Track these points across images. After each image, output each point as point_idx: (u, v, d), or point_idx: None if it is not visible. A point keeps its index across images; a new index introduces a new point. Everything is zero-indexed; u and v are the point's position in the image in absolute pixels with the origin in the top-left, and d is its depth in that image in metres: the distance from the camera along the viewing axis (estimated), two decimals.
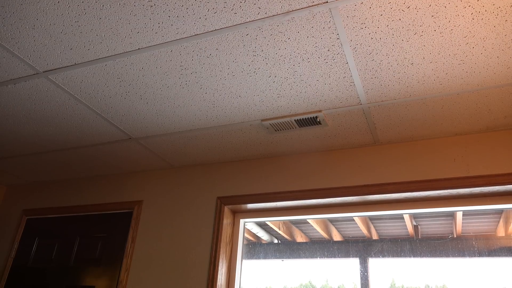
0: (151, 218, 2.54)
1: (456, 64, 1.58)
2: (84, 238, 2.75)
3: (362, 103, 1.87)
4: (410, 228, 2.78)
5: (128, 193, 2.71)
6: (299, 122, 2.02)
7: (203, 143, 2.34)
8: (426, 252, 2.75)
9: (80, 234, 2.77)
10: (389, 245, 2.87)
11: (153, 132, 2.26)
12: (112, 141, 2.40)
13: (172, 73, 1.76)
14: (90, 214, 2.81)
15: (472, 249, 2.61)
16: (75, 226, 2.82)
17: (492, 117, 1.90)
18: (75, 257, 2.69)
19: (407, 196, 2.05)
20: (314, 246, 3.24)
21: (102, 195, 2.79)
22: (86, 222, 2.80)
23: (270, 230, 3.19)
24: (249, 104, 1.93)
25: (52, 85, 1.89)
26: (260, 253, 3.31)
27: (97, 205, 2.77)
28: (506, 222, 2.53)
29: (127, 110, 2.07)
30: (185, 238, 2.39)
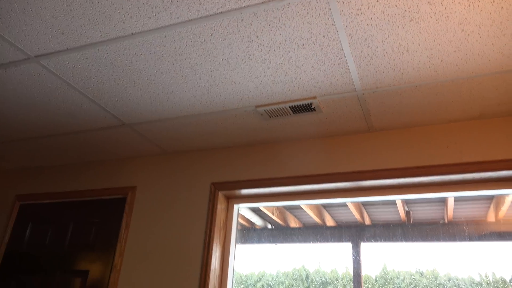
0: (145, 204, 2.55)
1: (452, 51, 1.58)
2: (78, 223, 2.75)
3: (356, 90, 1.87)
4: (402, 214, 2.82)
5: (122, 179, 2.71)
6: (293, 108, 2.02)
7: (197, 129, 2.33)
8: (418, 237, 2.80)
9: (74, 219, 2.77)
10: (381, 230, 2.92)
11: (147, 118, 2.24)
12: (105, 127, 2.38)
13: (166, 59, 1.74)
14: (84, 199, 2.81)
15: (462, 234, 2.66)
16: (69, 212, 2.82)
17: (486, 104, 1.91)
18: (69, 242, 2.70)
19: (400, 182, 2.07)
20: (307, 231, 3.28)
21: (95, 181, 2.78)
22: (79, 208, 2.80)
23: (264, 215, 3.22)
24: (243, 90, 1.92)
25: (44, 70, 1.87)
26: (253, 238, 3.34)
27: (90, 190, 2.76)
28: (497, 207, 2.57)
29: (120, 96, 2.05)
30: (179, 223, 2.40)
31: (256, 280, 3.96)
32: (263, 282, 3.92)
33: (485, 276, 3.11)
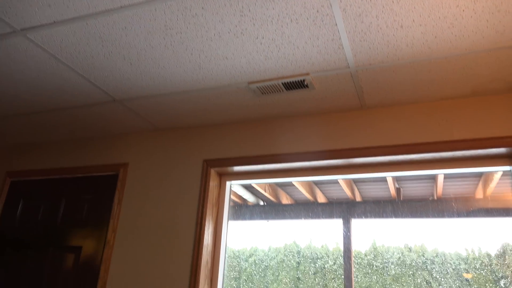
0: (137, 180, 2.54)
1: (446, 27, 1.57)
2: (70, 200, 2.74)
3: (350, 67, 1.85)
4: (392, 190, 2.86)
5: (113, 156, 2.70)
6: (286, 85, 2.00)
7: (189, 106, 2.31)
8: (407, 213, 2.85)
9: (66, 196, 2.77)
10: (371, 207, 2.96)
11: (138, 94, 2.21)
12: (96, 103, 2.35)
13: (156, 33, 1.70)
14: (75, 176, 2.80)
15: (451, 210, 2.70)
16: (61, 188, 2.81)
17: (478, 82, 1.91)
18: (61, 219, 2.70)
19: (391, 159, 2.09)
20: (298, 207, 3.31)
21: (87, 158, 2.77)
22: (71, 185, 2.79)
23: (256, 192, 3.24)
24: (235, 66, 1.90)
25: (31, 44, 1.82)
26: (246, 214, 3.38)
27: (82, 167, 2.75)
28: (485, 184, 2.61)
29: (110, 71, 2.01)
30: (172, 199, 2.40)
31: (248, 255, 4.03)
32: (255, 258, 3.99)
33: (471, 251, 3.20)
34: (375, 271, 3.40)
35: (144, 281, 2.27)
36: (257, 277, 3.94)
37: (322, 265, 3.72)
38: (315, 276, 3.74)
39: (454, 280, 3.15)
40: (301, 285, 3.79)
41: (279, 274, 3.89)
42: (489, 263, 3.13)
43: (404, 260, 3.33)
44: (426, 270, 3.26)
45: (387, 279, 3.35)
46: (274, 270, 3.93)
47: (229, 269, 4.12)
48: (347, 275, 2.51)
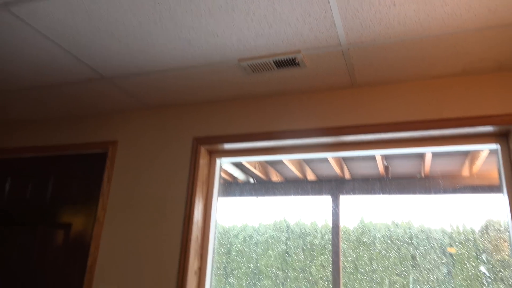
0: (127, 159, 2.53)
1: (439, 5, 1.56)
2: (58, 178, 2.73)
3: (341, 44, 1.84)
4: (381, 168, 2.90)
5: (102, 134, 2.67)
6: (277, 63, 1.98)
7: (179, 84, 2.28)
8: (395, 191, 2.90)
9: (55, 174, 2.75)
10: (360, 184, 3.00)
11: (126, 71, 2.17)
12: (83, 80, 2.30)
13: (145, 9, 1.66)
14: (64, 154, 2.77)
15: (438, 188, 2.76)
16: (49, 166, 2.78)
17: (469, 61, 1.92)
18: (50, 196, 2.69)
19: (380, 138, 2.10)
20: (288, 184, 3.35)
21: (76, 135, 2.74)
22: (60, 163, 2.76)
23: (246, 170, 3.26)
24: (226, 43, 1.87)
25: (15, 19, 1.76)
26: (236, 191, 3.40)
27: (71, 145, 2.72)
28: (471, 162, 2.66)
29: (98, 48, 1.96)
30: (162, 177, 2.41)
31: (239, 231, 4.09)
32: (245, 234, 4.05)
33: (456, 227, 3.29)
34: (362, 246, 3.48)
35: (134, 257, 2.29)
36: (247, 252, 4.01)
37: (311, 241, 3.80)
38: (303, 252, 3.82)
39: (438, 255, 3.25)
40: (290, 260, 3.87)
41: (268, 250, 3.96)
42: (472, 238, 3.23)
43: (391, 236, 3.42)
44: (411, 245, 3.36)
45: (374, 254, 3.44)
46: (264, 246, 4.00)
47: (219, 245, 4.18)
48: (335, 251, 2.57)
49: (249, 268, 3.96)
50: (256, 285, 3.89)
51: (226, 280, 3.99)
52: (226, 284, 4.01)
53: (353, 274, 3.38)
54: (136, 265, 2.28)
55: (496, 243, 3.13)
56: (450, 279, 3.15)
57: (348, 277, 3.38)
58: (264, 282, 3.85)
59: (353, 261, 3.44)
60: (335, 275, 2.52)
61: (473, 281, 3.10)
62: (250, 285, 3.91)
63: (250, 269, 3.95)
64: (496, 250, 3.12)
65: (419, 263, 3.28)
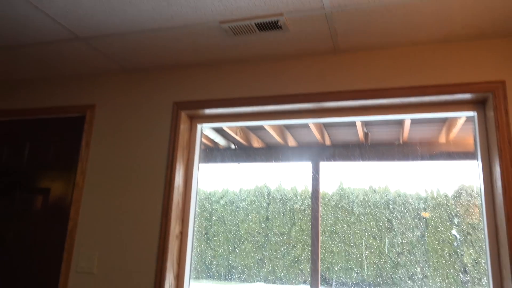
0: (105, 123, 2.48)
1: None
2: (35, 142, 2.66)
3: (325, 8, 1.80)
4: (361, 135, 2.93)
5: (79, 97, 2.60)
6: (259, 26, 1.94)
7: (158, 46, 2.21)
8: (374, 157, 2.95)
9: (30, 138, 2.68)
10: (340, 150, 3.04)
11: (103, 32, 2.09)
12: (58, 41, 2.21)
13: None
14: (39, 118, 2.69)
15: (415, 154, 2.82)
16: (24, 131, 2.71)
17: (451, 27, 1.91)
18: (26, 161, 2.64)
19: (361, 104, 2.11)
20: (269, 150, 3.37)
21: (51, 99, 2.65)
22: (35, 127, 2.69)
23: (227, 135, 3.25)
24: (207, 4, 1.81)
25: None
26: (217, 157, 3.41)
27: (46, 108, 2.64)
28: (449, 129, 2.72)
29: (72, 6, 1.87)
30: (141, 142, 2.38)
31: (220, 197, 4.13)
32: (226, 199, 4.10)
33: (431, 192, 3.40)
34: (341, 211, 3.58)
35: (115, 222, 2.29)
36: (228, 217, 4.08)
37: (291, 206, 3.88)
38: (284, 216, 3.90)
39: (413, 219, 3.37)
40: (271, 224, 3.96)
41: (249, 215, 4.03)
42: (445, 203, 3.35)
43: (368, 201, 3.51)
44: (388, 209, 3.47)
45: (352, 218, 3.55)
46: (245, 211, 4.07)
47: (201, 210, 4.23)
48: (315, 215, 2.63)
49: (230, 233, 4.03)
50: (237, 248, 3.98)
51: (208, 244, 4.06)
52: (208, 248, 4.09)
53: (331, 238, 3.49)
54: (117, 229, 2.29)
55: (468, 208, 3.26)
56: (423, 242, 3.28)
57: (327, 240, 3.49)
58: (245, 245, 3.94)
59: (332, 225, 3.54)
60: (314, 239, 2.59)
61: (445, 243, 3.25)
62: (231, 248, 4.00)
63: (231, 233, 4.03)
64: (468, 214, 3.25)
65: (394, 227, 3.39)
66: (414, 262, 3.28)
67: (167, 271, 2.14)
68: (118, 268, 2.23)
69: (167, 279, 2.14)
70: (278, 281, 3.78)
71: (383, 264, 3.34)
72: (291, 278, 3.73)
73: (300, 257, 3.71)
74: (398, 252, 3.34)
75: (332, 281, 3.38)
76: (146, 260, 2.19)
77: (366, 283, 3.33)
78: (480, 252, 3.14)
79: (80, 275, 2.28)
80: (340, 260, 3.43)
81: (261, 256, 3.89)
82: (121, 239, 2.26)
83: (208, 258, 4.02)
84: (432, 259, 3.25)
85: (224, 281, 3.98)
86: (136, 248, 2.22)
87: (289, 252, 3.76)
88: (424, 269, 3.25)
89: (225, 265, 3.98)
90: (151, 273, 2.17)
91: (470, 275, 3.14)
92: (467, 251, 3.19)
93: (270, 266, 3.84)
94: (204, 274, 4.01)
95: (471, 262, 3.16)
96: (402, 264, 3.32)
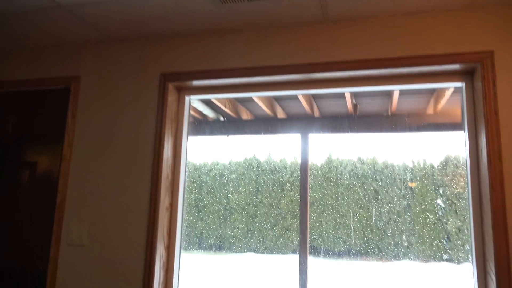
0: (91, 95, 2.44)
1: None
2: (19, 115, 2.61)
3: None
4: (350, 106, 2.93)
5: (64, 69, 2.53)
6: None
7: (143, 14, 2.15)
8: (362, 128, 2.97)
9: (14, 111, 2.62)
10: (329, 122, 3.05)
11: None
12: (39, 8, 2.13)
13: None
14: (23, 90, 2.63)
15: (403, 125, 2.84)
16: (7, 103, 2.65)
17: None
18: (11, 134, 2.59)
19: (350, 75, 2.10)
20: (258, 123, 3.36)
21: (34, 70, 2.58)
22: (19, 99, 2.63)
23: (216, 108, 3.23)
24: None
25: None
26: (206, 129, 3.39)
27: (29, 80, 2.58)
28: (436, 101, 2.73)
29: None
30: (129, 115, 2.35)
31: (210, 169, 4.15)
32: (216, 172, 4.12)
33: (418, 163, 3.46)
34: (329, 182, 3.63)
35: (104, 195, 2.29)
36: (218, 189, 4.11)
37: (280, 177, 3.91)
38: (273, 188, 3.95)
39: (400, 189, 3.44)
40: (260, 196, 4.01)
41: (239, 187, 4.07)
42: (431, 174, 3.42)
43: (356, 172, 3.56)
44: (375, 180, 3.52)
45: (340, 189, 3.60)
46: (235, 183, 4.10)
47: (190, 182, 4.25)
48: (303, 186, 2.66)
49: (220, 204, 4.07)
50: (227, 220, 4.04)
51: (198, 216, 4.11)
52: (198, 219, 4.14)
53: (320, 208, 3.55)
54: (106, 202, 2.29)
55: (453, 178, 3.33)
56: (409, 211, 3.36)
57: (315, 210, 3.55)
58: (235, 217, 4.00)
59: (320, 196, 3.59)
60: (302, 209, 2.62)
61: (430, 212, 3.33)
62: (221, 220, 4.05)
63: (221, 205, 4.07)
64: (453, 184, 3.33)
65: (381, 197, 3.46)
66: (400, 230, 3.37)
67: (157, 242, 2.16)
68: (109, 240, 2.24)
69: (158, 251, 2.16)
70: (268, 251, 3.86)
71: (370, 233, 3.42)
72: (280, 248, 3.81)
73: (289, 228, 3.78)
74: (385, 221, 3.42)
75: (320, 250, 3.46)
76: (136, 232, 2.21)
77: (353, 251, 3.42)
78: (464, 220, 3.23)
79: (70, 248, 2.29)
80: (328, 230, 3.51)
81: (251, 227, 3.95)
82: (111, 212, 2.27)
83: (198, 229, 4.07)
84: (417, 227, 3.33)
85: (214, 251, 4.05)
86: (127, 220, 2.23)
87: (279, 223, 3.83)
88: (410, 237, 3.35)
89: (216, 236, 4.04)
90: (141, 245, 2.19)
91: (454, 242, 3.24)
92: (451, 220, 3.28)
93: (260, 237, 3.91)
94: (195, 246, 4.07)
95: (455, 230, 3.26)
96: (388, 232, 3.41)
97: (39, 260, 2.38)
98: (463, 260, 3.34)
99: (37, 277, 2.37)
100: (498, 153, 1.79)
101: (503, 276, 1.71)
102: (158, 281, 2.15)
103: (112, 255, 2.22)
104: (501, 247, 1.73)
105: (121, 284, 2.17)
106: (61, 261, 2.28)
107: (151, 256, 2.13)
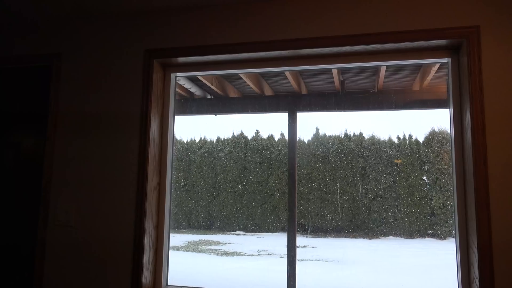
0: (74, 72, 2.38)
1: None
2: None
3: None
4: (337, 83, 2.93)
5: (43, 45, 2.45)
6: None
7: None
8: (349, 105, 2.97)
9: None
10: (316, 99, 3.04)
11: None
12: None
13: None
14: (2, 68, 2.55)
15: (390, 102, 2.85)
16: None
17: None
18: None
19: (337, 51, 2.08)
20: (246, 100, 3.34)
21: (11, 47, 2.50)
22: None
23: (203, 85, 3.18)
24: None
25: None
26: (193, 107, 3.36)
27: (6, 58, 2.50)
28: (422, 77, 2.74)
29: None
30: (114, 93, 2.30)
31: (198, 148, 4.13)
32: (204, 150, 4.11)
33: (403, 139, 3.49)
34: (317, 159, 3.65)
35: (91, 175, 2.27)
36: (206, 168, 4.10)
37: (268, 155, 3.92)
38: (261, 166, 3.96)
39: (386, 165, 3.49)
40: (248, 174, 4.02)
41: (227, 165, 4.07)
42: (417, 150, 3.46)
43: (343, 149, 3.59)
44: (362, 157, 3.56)
45: (327, 166, 3.63)
46: (223, 161, 4.10)
47: (178, 160, 4.23)
48: (291, 164, 2.67)
49: (208, 183, 4.08)
50: (216, 198, 4.05)
51: (187, 194, 4.12)
52: (188, 198, 4.15)
53: (308, 185, 3.58)
54: (93, 182, 2.26)
55: (438, 154, 3.38)
56: (395, 187, 3.42)
57: (303, 188, 3.58)
58: (224, 195, 4.01)
59: (308, 174, 3.62)
60: (290, 187, 2.64)
61: (415, 188, 3.39)
62: (210, 199, 4.06)
63: (209, 184, 4.08)
64: (438, 160, 3.38)
65: (368, 173, 3.51)
66: (386, 207, 3.43)
67: (146, 222, 2.16)
68: (97, 220, 2.23)
69: (147, 230, 2.17)
70: (256, 229, 3.90)
71: (356, 209, 3.48)
72: (269, 226, 3.85)
73: (277, 205, 3.82)
74: (371, 198, 3.48)
75: (308, 227, 3.51)
76: (125, 212, 2.20)
77: (340, 227, 3.48)
78: (448, 196, 3.30)
79: (58, 229, 2.27)
80: (316, 207, 3.55)
81: (240, 205, 3.98)
82: (98, 192, 2.25)
83: (187, 208, 4.09)
84: (402, 203, 3.40)
85: (203, 230, 4.08)
86: (114, 200, 2.22)
87: (267, 201, 3.86)
88: (395, 213, 3.41)
89: (204, 215, 4.06)
90: (130, 224, 2.18)
91: (438, 217, 3.32)
92: (435, 195, 3.34)
93: (249, 215, 3.95)
94: (184, 224, 4.09)
95: (439, 205, 3.33)
96: (374, 209, 3.47)
97: (27, 242, 2.37)
98: (447, 235, 3.43)
99: (25, 258, 2.37)
100: (482, 129, 1.82)
101: (485, 250, 1.76)
102: (148, 261, 2.16)
103: (100, 235, 2.21)
104: (483, 221, 1.77)
105: (110, 264, 2.18)
106: (49, 242, 2.27)
107: (140, 236, 2.14)
